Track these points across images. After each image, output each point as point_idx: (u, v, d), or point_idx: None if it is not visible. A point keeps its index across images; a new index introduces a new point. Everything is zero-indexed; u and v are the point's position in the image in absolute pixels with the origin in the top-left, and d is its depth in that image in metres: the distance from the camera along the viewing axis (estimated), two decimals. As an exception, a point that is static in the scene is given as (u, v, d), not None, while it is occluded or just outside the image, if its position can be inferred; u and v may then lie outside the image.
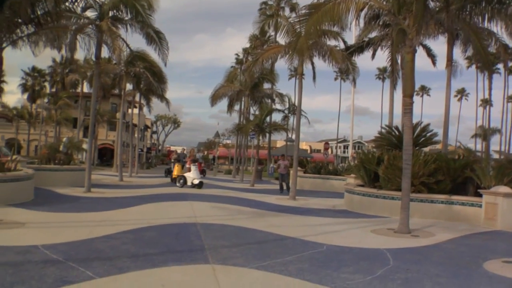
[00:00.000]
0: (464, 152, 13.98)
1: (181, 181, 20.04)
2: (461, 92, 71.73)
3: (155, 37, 17.00)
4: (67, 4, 13.49)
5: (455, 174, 12.28)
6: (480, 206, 10.73)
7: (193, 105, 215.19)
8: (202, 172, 29.19)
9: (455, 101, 71.62)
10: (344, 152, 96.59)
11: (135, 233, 7.76)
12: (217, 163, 69.67)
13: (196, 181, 19.54)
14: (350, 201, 13.98)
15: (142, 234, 7.77)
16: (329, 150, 53.38)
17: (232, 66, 68.90)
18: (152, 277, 5.09)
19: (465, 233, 9.34)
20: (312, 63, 19.44)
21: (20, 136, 48.32)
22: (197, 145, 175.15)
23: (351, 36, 24.21)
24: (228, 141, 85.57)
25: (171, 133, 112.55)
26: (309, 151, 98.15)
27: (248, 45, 51.17)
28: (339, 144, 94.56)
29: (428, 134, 14.96)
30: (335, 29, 13.11)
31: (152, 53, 20.84)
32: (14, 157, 14.09)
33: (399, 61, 12.49)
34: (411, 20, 9.24)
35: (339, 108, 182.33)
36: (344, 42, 18.53)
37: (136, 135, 44.11)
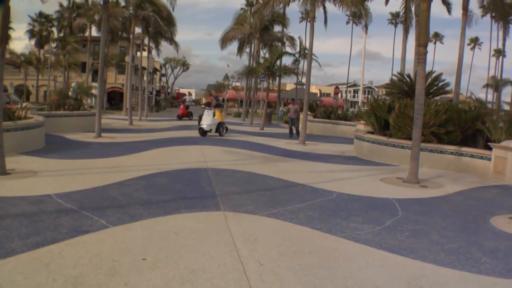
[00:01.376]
0: (476, 103, 13.79)
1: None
2: (475, 41, 70.21)
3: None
4: None
5: (465, 126, 12.16)
6: (489, 159, 10.63)
7: (203, 47, 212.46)
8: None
9: (468, 49, 70.23)
10: (354, 96, 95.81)
11: (147, 179, 7.86)
12: (226, 105, 69.58)
13: (199, 126, 17.97)
14: (360, 148, 13.99)
15: (153, 180, 7.87)
16: (339, 95, 52.80)
17: (242, 8, 67.57)
18: (165, 224, 5.18)
19: (473, 185, 9.34)
20: (324, 7, 18.97)
21: (29, 82, 48.33)
22: (206, 87, 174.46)
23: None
24: (237, 84, 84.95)
25: (180, 76, 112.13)
26: (318, 95, 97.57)
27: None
28: (349, 89, 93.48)
29: (440, 84, 14.75)
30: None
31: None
32: (24, 104, 14.08)
33: (412, 8, 12.08)
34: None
35: (350, 52, 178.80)
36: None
37: (145, 78, 43.85)
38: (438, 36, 76.41)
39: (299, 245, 4.70)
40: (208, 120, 17.76)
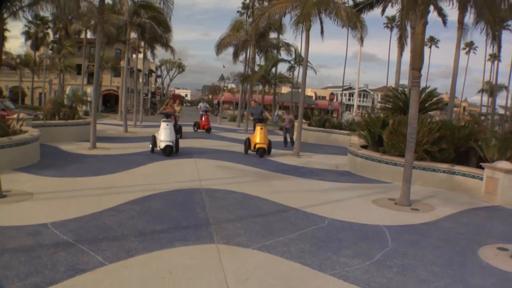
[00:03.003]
0: (470, 119, 13.93)
1: (151, 144, 15.30)
2: (470, 45, 70.78)
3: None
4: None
5: (459, 143, 12.31)
6: (481, 178, 10.75)
7: (199, 47, 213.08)
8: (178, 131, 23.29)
9: (463, 53, 70.73)
10: (349, 100, 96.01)
11: (141, 204, 7.94)
12: (222, 107, 69.58)
13: (163, 145, 14.45)
14: (353, 163, 14.11)
15: (148, 204, 7.95)
16: (335, 98, 53.10)
17: (238, 11, 67.69)
18: (160, 260, 5.28)
19: (464, 207, 9.47)
20: (320, 19, 19.07)
21: (24, 84, 48.16)
22: (202, 88, 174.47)
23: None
24: (233, 85, 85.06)
25: (176, 76, 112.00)
26: (314, 98, 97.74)
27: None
28: (344, 92, 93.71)
29: (434, 99, 14.93)
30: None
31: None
32: (19, 115, 14.13)
33: (408, 27, 12.22)
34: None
35: (346, 55, 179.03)
36: (353, -1, 18.14)
37: (140, 79, 43.85)
38: (433, 40, 76.91)
39: (290, 284, 4.81)
40: (172, 135, 14.90)
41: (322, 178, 12.22)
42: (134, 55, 44.25)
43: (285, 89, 76.66)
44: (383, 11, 19.58)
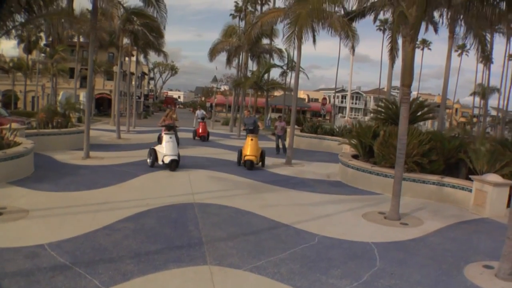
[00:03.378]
0: (460, 131, 14.17)
1: (151, 157, 14.57)
2: (462, 48, 71.23)
3: (153, 0, 16.80)
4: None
5: (449, 154, 12.55)
6: (471, 190, 10.98)
7: (192, 48, 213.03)
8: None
9: (456, 55, 71.29)
10: (342, 102, 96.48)
11: (135, 221, 8.07)
12: (215, 110, 69.63)
13: (167, 159, 13.97)
14: (345, 173, 14.30)
15: (142, 222, 8.08)
16: (327, 102, 53.50)
17: (231, 14, 67.95)
18: (155, 284, 5.44)
19: (453, 221, 9.69)
20: (313, 28, 19.26)
21: (17, 88, 48.07)
22: (195, 90, 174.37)
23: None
24: (226, 87, 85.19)
25: (169, 79, 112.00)
26: (306, 100, 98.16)
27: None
28: (337, 94, 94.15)
29: (425, 109, 15.18)
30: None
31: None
32: (12, 125, 14.20)
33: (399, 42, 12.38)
34: (413, 9, 9.16)
35: (338, 57, 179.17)
36: (344, 8, 18.27)
37: (133, 82, 43.82)
38: (425, 43, 77.54)
39: (280, 308, 4.98)
40: (176, 149, 14.44)
41: (313, 190, 12.39)
42: (127, 58, 44.37)
43: (278, 92, 76.84)
44: (375, 18, 19.68)
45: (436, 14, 11.98)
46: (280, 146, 21.59)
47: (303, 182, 13.56)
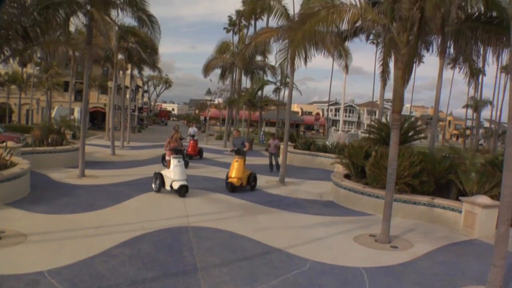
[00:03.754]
0: (451, 151, 14.43)
1: (157, 182, 14.01)
2: (454, 61, 71.99)
3: (147, 21, 17.05)
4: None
5: (439, 175, 12.79)
6: (460, 211, 11.23)
7: (186, 60, 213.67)
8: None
9: (448, 68, 71.88)
10: (335, 115, 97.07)
11: (131, 246, 8.23)
12: (209, 123, 69.83)
13: (176, 185, 13.39)
14: (337, 193, 14.51)
15: (138, 247, 8.24)
16: (320, 117, 54.07)
17: (225, 28, 68.26)
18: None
19: (442, 243, 9.91)
20: (305, 52, 19.59)
21: (11, 101, 48.17)
22: (189, 102, 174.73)
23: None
24: (220, 99, 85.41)
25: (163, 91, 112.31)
26: (300, 113, 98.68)
27: (241, 8, 50.95)
28: (331, 107, 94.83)
29: (416, 129, 15.49)
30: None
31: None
32: (8, 144, 14.37)
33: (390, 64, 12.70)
34: (404, 37, 9.43)
35: (332, 69, 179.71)
36: (338, 29, 18.61)
37: (128, 96, 44.02)
38: (418, 56, 78.20)
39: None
40: (184, 173, 13.90)
41: (306, 211, 12.58)
42: (121, 72, 44.66)
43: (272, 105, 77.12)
44: (368, 37, 20.06)
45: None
46: (274, 163, 21.82)
47: (296, 203, 13.76)
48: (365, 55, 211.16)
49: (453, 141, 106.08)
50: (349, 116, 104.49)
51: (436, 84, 14.98)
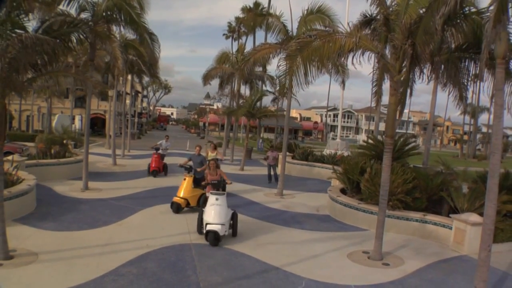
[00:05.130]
0: (443, 167, 14.93)
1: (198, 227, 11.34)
2: (445, 85, 72.76)
3: (148, 39, 17.54)
4: (61, 7, 14.09)
5: (431, 192, 13.29)
6: (451, 228, 11.72)
7: (186, 64, 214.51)
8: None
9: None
10: (334, 120, 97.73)
11: (138, 265, 8.71)
12: (208, 129, 70.42)
13: (211, 228, 10.43)
14: (333, 207, 15.00)
15: (144, 266, 8.70)
16: (318, 125, 54.89)
17: (224, 34, 69.01)
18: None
19: (432, 259, 10.40)
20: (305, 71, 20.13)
21: (12, 107, 48.52)
22: (188, 106, 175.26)
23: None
24: (218, 104, 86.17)
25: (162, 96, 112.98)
26: (298, 119, 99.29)
27: (241, 16, 51.75)
28: (329, 113, 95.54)
29: (410, 146, 16.03)
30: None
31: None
32: (14, 158, 14.86)
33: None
34: (398, 64, 9.92)
35: (330, 76, 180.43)
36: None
37: (127, 101, 44.45)
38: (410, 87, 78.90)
39: None
40: (222, 215, 10.75)
41: (302, 227, 13.06)
42: (121, 79, 45.17)
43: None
44: (363, 53, 20.52)
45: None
46: (272, 173, 22.33)
47: (293, 218, 14.24)
48: (363, 59, 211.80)
49: (451, 146, 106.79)
50: (347, 122, 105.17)
51: (431, 103, 15.47)
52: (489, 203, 7.04)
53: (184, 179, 14.19)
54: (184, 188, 13.99)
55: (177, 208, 13.74)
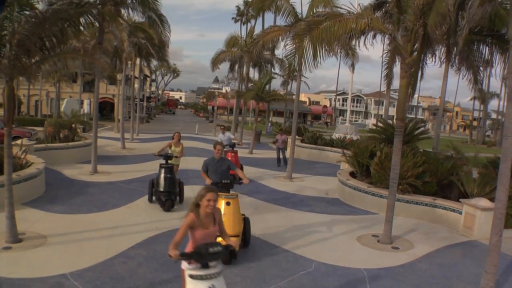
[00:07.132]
0: (454, 151, 14.78)
1: None
2: (458, 68, 71.91)
3: (157, 20, 17.42)
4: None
5: (442, 176, 13.15)
6: (461, 213, 11.62)
7: (195, 48, 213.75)
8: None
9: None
10: (343, 105, 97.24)
11: (147, 248, 8.71)
12: (216, 112, 70.32)
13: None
14: (342, 191, 14.93)
15: (153, 248, 8.70)
16: (327, 110, 54.85)
17: (233, 18, 68.63)
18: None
19: (442, 244, 10.33)
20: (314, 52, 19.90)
21: (20, 92, 48.67)
22: (197, 90, 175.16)
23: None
24: (227, 88, 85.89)
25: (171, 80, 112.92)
26: (307, 103, 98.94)
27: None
28: (338, 97, 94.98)
29: (420, 130, 15.87)
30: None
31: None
32: (23, 142, 14.90)
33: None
34: (409, 46, 9.76)
35: (340, 57, 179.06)
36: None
37: (136, 85, 44.47)
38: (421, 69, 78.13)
39: None
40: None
41: (312, 210, 13.03)
42: (130, 63, 45.10)
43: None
44: (374, 36, 20.26)
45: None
46: (281, 157, 22.28)
47: (302, 201, 14.20)
48: (375, 41, 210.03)
49: (460, 132, 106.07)
50: (356, 106, 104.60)
51: (441, 88, 15.26)
52: (501, 187, 6.93)
53: (228, 204, 8.59)
54: (231, 221, 8.34)
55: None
